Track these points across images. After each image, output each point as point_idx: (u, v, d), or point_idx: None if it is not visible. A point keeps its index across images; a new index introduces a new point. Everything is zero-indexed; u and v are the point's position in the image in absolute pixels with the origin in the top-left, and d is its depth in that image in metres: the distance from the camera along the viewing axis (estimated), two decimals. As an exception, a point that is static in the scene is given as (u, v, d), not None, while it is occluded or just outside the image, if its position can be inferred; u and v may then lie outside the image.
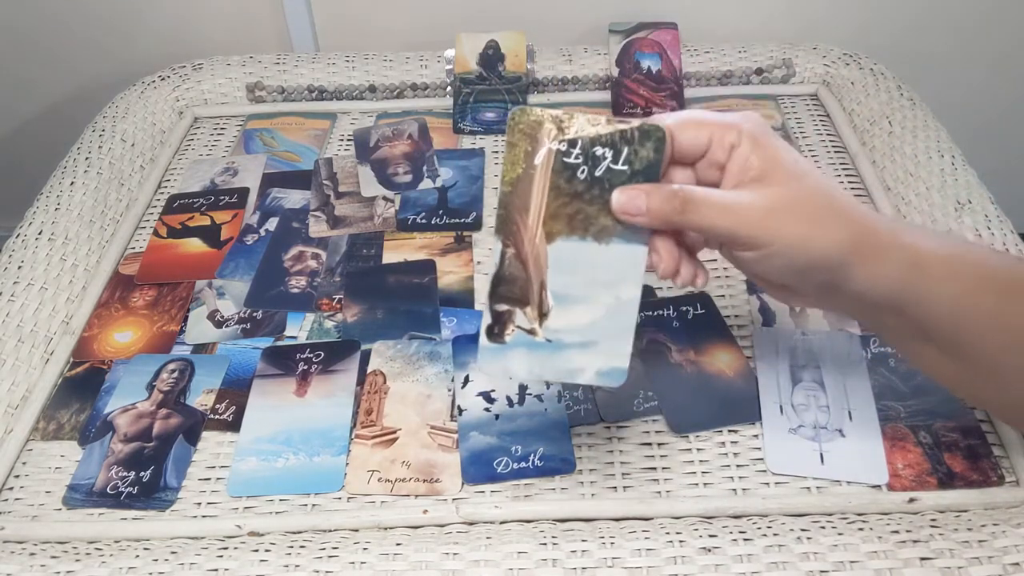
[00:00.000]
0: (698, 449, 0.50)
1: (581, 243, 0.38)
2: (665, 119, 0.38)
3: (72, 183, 0.68)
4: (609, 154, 0.37)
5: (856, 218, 0.38)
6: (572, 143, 0.37)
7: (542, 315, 0.38)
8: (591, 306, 0.38)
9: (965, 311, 0.38)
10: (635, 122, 0.37)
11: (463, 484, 0.48)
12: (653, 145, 0.37)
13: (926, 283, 0.38)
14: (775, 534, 0.43)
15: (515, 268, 0.38)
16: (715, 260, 0.62)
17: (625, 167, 0.37)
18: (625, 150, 0.37)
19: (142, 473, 0.49)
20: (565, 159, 0.37)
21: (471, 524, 0.46)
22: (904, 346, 0.42)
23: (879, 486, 0.47)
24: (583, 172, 0.37)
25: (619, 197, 0.37)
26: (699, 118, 0.38)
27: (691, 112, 0.39)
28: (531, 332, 0.39)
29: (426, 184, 0.70)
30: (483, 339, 0.39)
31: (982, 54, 0.96)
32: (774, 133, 0.38)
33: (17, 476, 0.51)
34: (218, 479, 0.49)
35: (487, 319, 0.39)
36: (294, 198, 0.70)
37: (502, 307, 0.39)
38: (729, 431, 0.50)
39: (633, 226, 0.37)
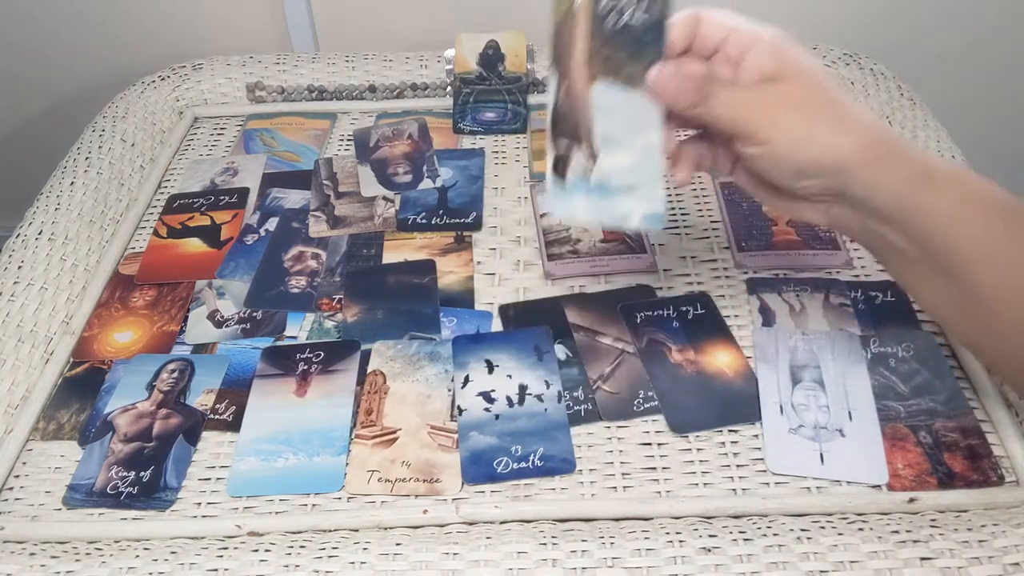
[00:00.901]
0: (698, 449, 0.50)
1: (615, 87, 0.40)
2: (697, 10, 0.40)
3: (72, 183, 0.68)
4: (633, 1, 0.39)
5: (862, 127, 0.39)
6: None
7: (593, 155, 0.41)
8: (628, 150, 0.41)
9: (965, 229, 0.39)
10: None
11: (463, 484, 0.48)
12: None
13: (929, 195, 0.39)
14: (775, 534, 0.43)
15: (567, 105, 0.41)
16: (714, 261, 0.62)
17: (646, 14, 0.39)
18: None
19: (142, 473, 0.49)
20: (597, 6, 0.39)
21: (471, 524, 0.46)
22: (904, 273, 0.43)
23: (879, 486, 0.47)
24: (613, 19, 0.39)
25: (655, 76, 0.39)
26: (721, 20, 0.40)
27: (719, 12, 0.41)
28: (585, 174, 0.41)
29: (426, 184, 0.70)
30: (550, 176, 0.41)
31: (982, 54, 0.96)
32: (795, 45, 0.41)
33: (17, 476, 0.51)
34: (218, 479, 0.49)
35: (551, 157, 0.42)
36: (294, 198, 0.70)
37: (562, 141, 0.41)
38: (729, 431, 0.50)
39: (655, 51, 0.40)
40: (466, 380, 0.53)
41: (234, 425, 0.52)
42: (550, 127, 0.41)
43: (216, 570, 0.43)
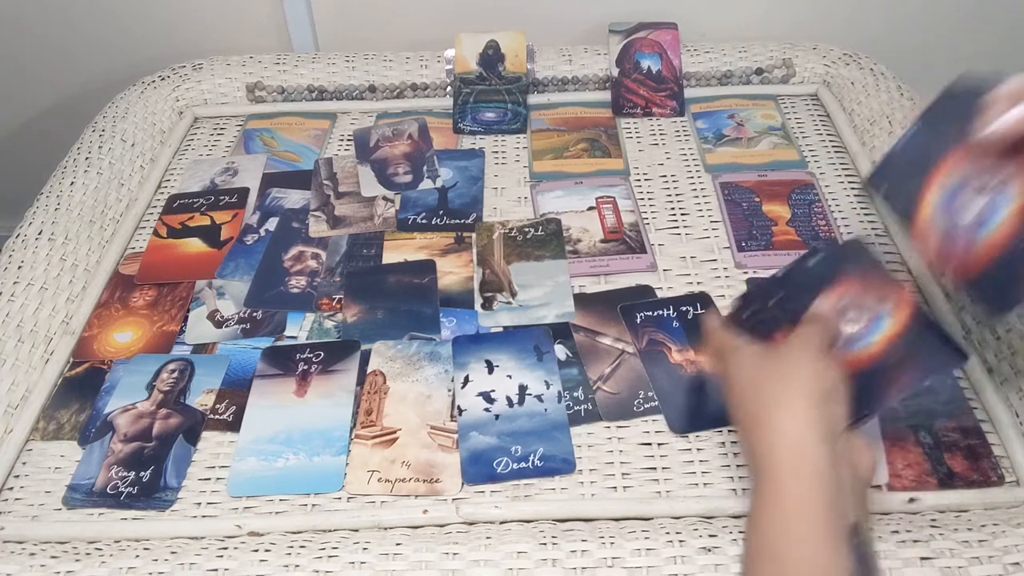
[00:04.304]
0: (698, 449, 0.50)
1: (528, 263, 0.61)
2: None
3: (72, 183, 0.68)
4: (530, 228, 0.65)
5: None
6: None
7: (513, 294, 0.59)
8: (541, 288, 0.60)
9: None
10: None
11: (463, 484, 0.48)
12: None
13: None
14: (775, 534, 0.43)
15: (492, 276, 0.61)
16: (714, 261, 0.62)
17: (541, 232, 0.64)
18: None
19: (142, 473, 0.49)
20: (509, 234, 0.65)
21: (471, 524, 0.46)
22: None
23: (879, 486, 0.47)
24: (520, 237, 0.64)
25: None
26: None
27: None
28: (508, 303, 0.59)
29: (426, 184, 0.70)
30: (480, 311, 0.59)
31: (983, 54, 0.96)
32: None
33: (17, 476, 0.51)
34: (218, 479, 0.49)
35: (479, 300, 0.59)
36: (294, 198, 0.70)
37: (488, 294, 0.60)
38: (729, 431, 0.50)
39: (557, 244, 0.63)
40: (466, 380, 0.53)
41: (234, 425, 0.52)
42: (479, 289, 0.60)
43: (216, 570, 0.43)
